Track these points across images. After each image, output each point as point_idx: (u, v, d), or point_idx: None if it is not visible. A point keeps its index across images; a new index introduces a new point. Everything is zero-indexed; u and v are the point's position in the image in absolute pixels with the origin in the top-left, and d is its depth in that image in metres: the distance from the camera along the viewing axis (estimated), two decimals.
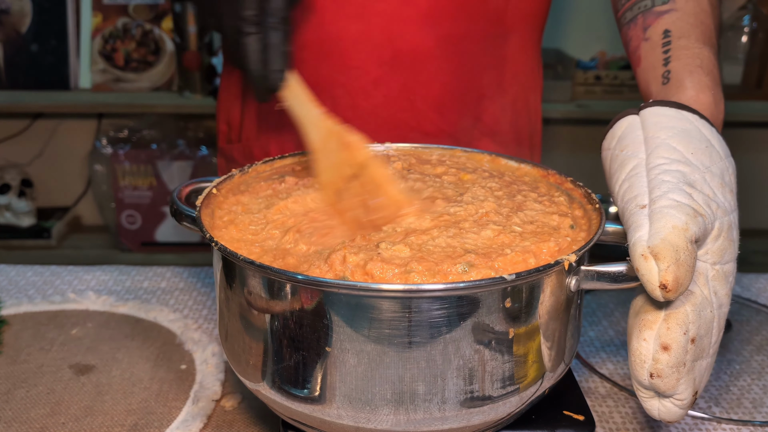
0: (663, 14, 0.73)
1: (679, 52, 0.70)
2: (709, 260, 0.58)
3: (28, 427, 0.69)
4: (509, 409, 0.58)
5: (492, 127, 0.98)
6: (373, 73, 0.92)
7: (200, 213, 0.63)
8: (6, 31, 2.26)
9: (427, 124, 0.95)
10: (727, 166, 0.62)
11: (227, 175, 0.71)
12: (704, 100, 0.66)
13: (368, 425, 0.55)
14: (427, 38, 0.90)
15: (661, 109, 0.63)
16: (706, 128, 0.62)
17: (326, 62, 0.93)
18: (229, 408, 0.72)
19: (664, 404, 0.58)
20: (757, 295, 0.96)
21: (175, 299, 0.93)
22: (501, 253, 0.56)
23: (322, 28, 0.91)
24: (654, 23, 0.73)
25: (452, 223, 0.61)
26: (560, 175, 0.73)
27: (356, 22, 0.90)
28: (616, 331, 0.87)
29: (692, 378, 0.57)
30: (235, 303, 0.59)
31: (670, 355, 0.55)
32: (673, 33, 0.72)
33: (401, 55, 0.91)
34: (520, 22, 0.96)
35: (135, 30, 2.30)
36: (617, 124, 0.65)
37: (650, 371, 0.56)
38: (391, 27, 0.89)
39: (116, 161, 2.29)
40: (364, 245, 0.57)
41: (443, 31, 0.90)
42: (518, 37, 0.96)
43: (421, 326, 0.52)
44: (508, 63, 0.97)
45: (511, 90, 0.99)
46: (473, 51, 0.93)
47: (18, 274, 0.99)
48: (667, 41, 0.71)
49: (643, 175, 0.59)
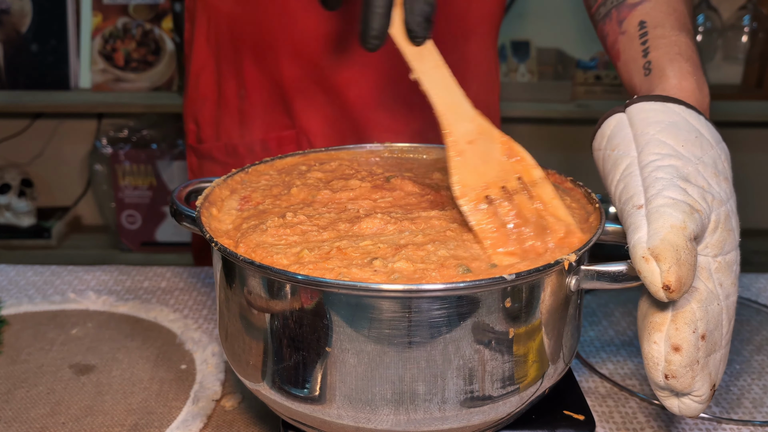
0: (636, 6, 0.73)
1: (657, 42, 0.69)
2: (710, 253, 0.58)
3: (28, 427, 0.69)
4: (509, 409, 0.58)
5: None
6: (345, 73, 0.93)
7: (200, 213, 0.63)
8: (6, 31, 2.26)
9: (399, 124, 0.96)
10: (719, 153, 0.61)
11: (227, 174, 0.71)
12: (687, 86, 0.66)
13: (368, 425, 0.55)
14: None
15: (647, 104, 0.63)
16: (693, 117, 0.62)
17: (299, 62, 0.94)
18: (229, 408, 0.72)
19: (684, 402, 0.58)
20: (757, 295, 0.96)
21: (175, 299, 0.93)
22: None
23: (291, 28, 0.92)
24: (628, 16, 0.73)
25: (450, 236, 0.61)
26: (560, 175, 0.73)
27: (326, 22, 0.91)
28: (616, 331, 0.87)
29: (707, 373, 0.57)
30: (235, 303, 0.59)
31: (682, 356, 0.55)
32: (649, 23, 0.71)
33: (369, 55, 0.92)
34: (481, 24, 0.97)
35: (135, 30, 2.30)
36: (605, 123, 0.65)
37: (664, 373, 0.56)
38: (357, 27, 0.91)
39: (116, 161, 2.29)
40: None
41: None
42: (478, 37, 0.98)
43: (421, 326, 0.52)
44: (470, 63, 0.98)
45: (471, 89, 0.99)
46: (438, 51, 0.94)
47: (18, 274, 0.99)
48: (643, 32, 0.71)
49: (636, 173, 0.59)
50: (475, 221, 0.60)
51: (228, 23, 0.97)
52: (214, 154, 1.03)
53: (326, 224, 0.62)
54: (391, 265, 0.55)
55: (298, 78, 0.95)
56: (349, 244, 0.58)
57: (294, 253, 0.57)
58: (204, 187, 0.70)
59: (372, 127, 0.97)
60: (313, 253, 0.57)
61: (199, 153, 1.06)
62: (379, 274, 0.54)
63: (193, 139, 1.07)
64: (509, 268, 0.55)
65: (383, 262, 0.55)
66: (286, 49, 0.94)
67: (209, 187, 0.68)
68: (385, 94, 0.96)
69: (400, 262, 0.55)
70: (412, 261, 0.55)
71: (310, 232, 0.61)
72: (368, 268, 0.54)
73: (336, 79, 0.94)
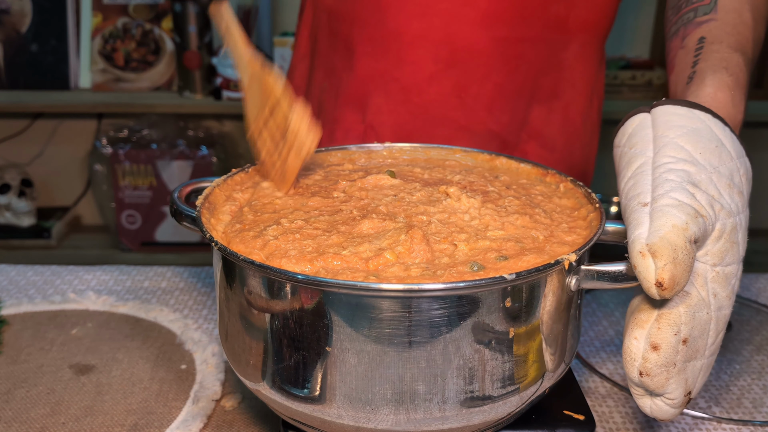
0: (702, 24, 0.74)
1: (709, 55, 0.70)
2: (708, 261, 0.58)
3: (28, 427, 0.69)
4: (509, 409, 0.58)
5: (539, 131, 0.98)
6: (428, 69, 0.94)
7: (200, 213, 0.63)
8: (6, 31, 2.26)
9: (476, 124, 0.96)
10: (738, 167, 0.61)
11: (228, 174, 0.71)
12: (721, 98, 0.66)
13: (368, 425, 0.55)
14: (483, 39, 0.92)
15: (672, 108, 0.63)
16: (719, 127, 0.61)
17: (384, 57, 0.95)
18: (229, 408, 0.72)
19: (656, 402, 0.58)
20: (757, 295, 0.96)
21: (175, 299, 0.93)
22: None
23: (384, 25, 0.93)
24: (692, 32, 0.74)
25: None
26: (560, 174, 0.73)
27: (418, 20, 0.92)
28: (616, 331, 0.87)
29: (684, 378, 0.57)
30: (235, 303, 0.59)
31: (659, 355, 0.55)
32: (707, 39, 0.72)
33: (457, 53, 0.93)
34: (582, 30, 0.96)
35: (135, 30, 2.30)
36: (628, 121, 0.65)
37: (639, 369, 0.56)
38: (450, 26, 0.92)
39: (116, 161, 2.29)
40: None
41: (500, 33, 0.91)
42: (579, 44, 0.96)
43: (421, 326, 0.52)
44: (566, 69, 0.97)
45: (564, 96, 0.99)
46: (529, 54, 0.94)
47: (18, 274, 0.99)
48: (699, 47, 0.72)
49: (648, 173, 0.59)
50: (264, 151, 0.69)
51: (328, 17, 1.00)
52: None
53: (327, 227, 0.61)
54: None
55: (379, 73, 0.96)
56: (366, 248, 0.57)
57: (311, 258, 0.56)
58: (204, 187, 0.70)
59: (447, 125, 0.96)
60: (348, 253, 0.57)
61: None
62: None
63: None
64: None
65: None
66: (376, 44, 0.95)
67: (209, 187, 0.68)
68: (466, 93, 0.95)
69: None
70: None
71: (320, 236, 0.60)
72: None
73: (418, 76, 0.95)
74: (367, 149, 0.80)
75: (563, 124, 0.99)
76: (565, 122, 1.00)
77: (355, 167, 0.77)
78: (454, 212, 0.64)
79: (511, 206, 0.65)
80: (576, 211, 0.67)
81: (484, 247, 0.58)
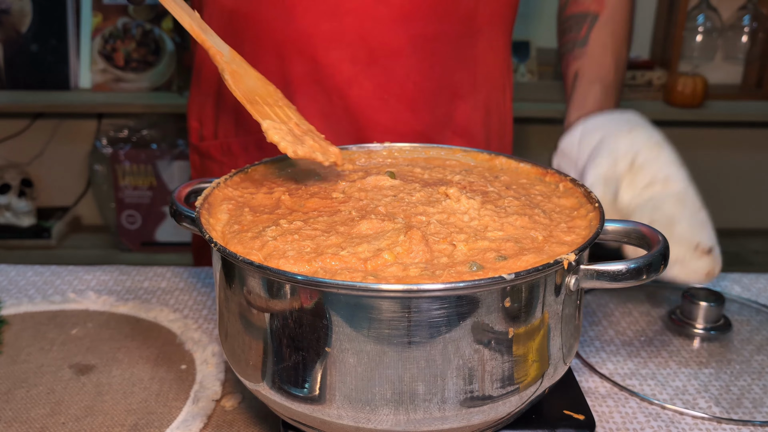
0: (577, 59, 0.96)
1: (578, 89, 0.96)
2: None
3: (28, 427, 0.69)
4: (509, 409, 0.58)
5: (464, 127, 0.99)
6: (347, 71, 0.93)
7: (199, 214, 0.63)
8: (6, 31, 2.26)
9: (401, 125, 0.96)
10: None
11: (227, 175, 0.71)
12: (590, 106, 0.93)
13: (368, 425, 0.55)
14: (400, 37, 0.91)
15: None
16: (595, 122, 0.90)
17: (300, 60, 0.93)
18: (229, 408, 0.72)
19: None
20: (757, 295, 0.96)
21: (175, 299, 0.93)
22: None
23: (292, 25, 0.91)
24: (571, 64, 0.97)
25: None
26: (559, 174, 0.73)
27: (328, 20, 0.90)
28: (616, 331, 0.87)
29: None
30: (235, 303, 0.59)
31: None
32: (578, 75, 0.96)
33: (374, 53, 0.91)
34: (489, 23, 0.98)
35: (135, 30, 2.30)
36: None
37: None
38: (364, 25, 0.90)
39: (116, 161, 2.29)
40: None
41: (416, 30, 0.91)
42: (487, 37, 0.98)
43: (421, 326, 0.52)
44: (479, 63, 0.98)
45: (482, 89, 1.00)
46: (445, 51, 0.94)
47: (18, 274, 0.99)
48: (575, 79, 0.96)
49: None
50: (277, 134, 0.67)
51: (229, 18, 0.95)
52: (212, 152, 1.03)
53: (326, 228, 0.61)
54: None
55: (297, 76, 0.94)
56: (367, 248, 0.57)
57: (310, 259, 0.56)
58: (204, 187, 0.70)
59: (372, 127, 0.96)
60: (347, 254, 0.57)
61: (199, 151, 1.05)
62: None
63: (196, 137, 1.06)
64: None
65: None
66: (286, 46, 0.93)
67: (209, 187, 0.68)
68: (388, 94, 0.95)
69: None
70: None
71: (319, 237, 0.60)
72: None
73: (337, 78, 0.94)
74: (366, 149, 0.81)
75: (484, 118, 1.01)
76: (486, 116, 1.01)
77: (355, 167, 0.77)
78: (453, 213, 0.64)
79: (510, 207, 0.65)
80: (575, 211, 0.67)
81: (483, 247, 0.58)
